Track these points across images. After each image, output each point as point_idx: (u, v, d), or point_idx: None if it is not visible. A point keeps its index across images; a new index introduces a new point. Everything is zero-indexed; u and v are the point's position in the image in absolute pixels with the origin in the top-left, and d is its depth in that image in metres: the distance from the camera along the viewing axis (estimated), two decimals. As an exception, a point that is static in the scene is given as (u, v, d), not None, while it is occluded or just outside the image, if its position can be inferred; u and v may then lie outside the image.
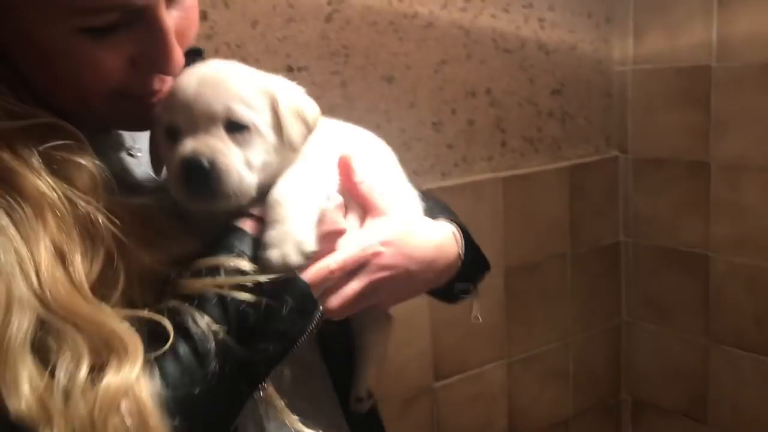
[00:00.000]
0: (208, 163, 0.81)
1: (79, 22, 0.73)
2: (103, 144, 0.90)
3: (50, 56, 0.76)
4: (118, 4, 0.73)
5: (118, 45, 0.76)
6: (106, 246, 0.76)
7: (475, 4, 2.10)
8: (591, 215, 2.50)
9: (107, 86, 0.79)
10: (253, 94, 0.87)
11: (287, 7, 1.75)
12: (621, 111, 2.52)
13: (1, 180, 0.73)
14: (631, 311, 2.62)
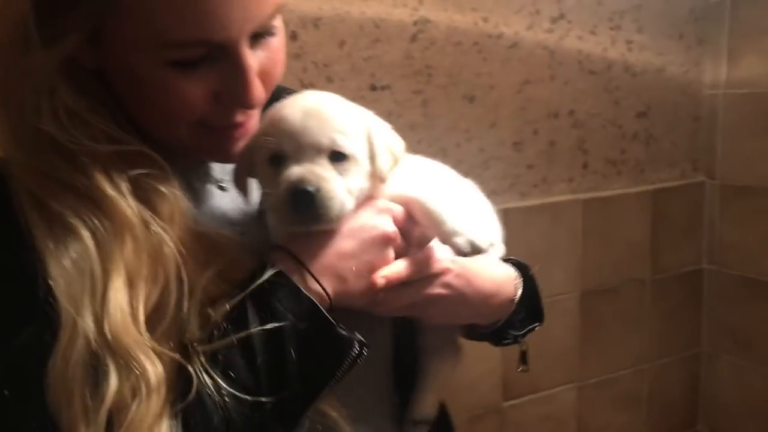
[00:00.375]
0: (315, 190, 0.87)
1: (167, 55, 0.78)
2: (193, 175, 0.96)
3: (142, 83, 0.81)
4: (200, 39, 0.77)
5: (202, 79, 0.81)
6: (168, 275, 0.80)
7: (561, 25, 2.10)
8: (673, 241, 2.45)
9: (192, 116, 0.84)
10: (353, 127, 0.92)
11: (374, 27, 1.80)
12: (710, 135, 2.46)
13: (91, 199, 0.78)
14: (712, 341, 2.55)
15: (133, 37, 0.78)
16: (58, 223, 0.78)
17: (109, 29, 0.78)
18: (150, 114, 0.86)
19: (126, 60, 0.80)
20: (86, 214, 0.78)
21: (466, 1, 1.92)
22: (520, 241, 2.10)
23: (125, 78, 0.83)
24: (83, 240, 0.77)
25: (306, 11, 1.71)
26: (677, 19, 2.34)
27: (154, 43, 0.77)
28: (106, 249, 0.77)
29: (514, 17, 2.01)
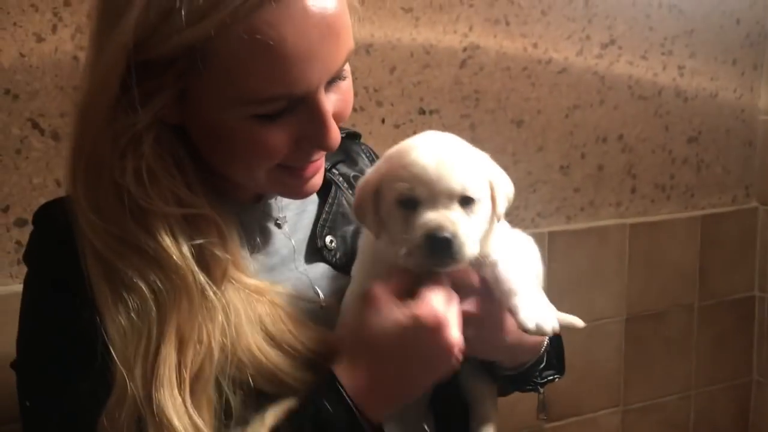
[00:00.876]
0: (451, 236, 0.93)
1: (251, 110, 0.83)
2: (253, 215, 1.02)
3: (224, 137, 0.86)
4: (285, 95, 0.82)
5: (283, 128, 0.86)
6: (214, 341, 0.84)
7: (611, 50, 2.11)
8: (723, 267, 2.42)
9: (273, 162, 0.89)
10: (479, 172, 0.99)
11: (424, 53, 1.85)
12: (764, 161, 2.43)
13: (155, 261, 0.82)
14: (763, 370, 2.51)
15: (220, 95, 0.83)
16: (120, 282, 0.82)
17: (197, 88, 0.83)
18: (231, 162, 0.91)
19: (210, 115, 0.85)
20: (149, 275, 0.82)
21: (515, 28, 1.96)
22: (566, 264, 2.13)
23: (207, 131, 0.88)
24: (144, 300, 0.81)
25: (358, 38, 1.75)
26: (731, 44, 2.33)
27: (241, 101, 0.82)
28: (164, 310, 0.82)
29: (563, 43, 2.04)
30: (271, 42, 0.78)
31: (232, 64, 0.80)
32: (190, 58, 0.79)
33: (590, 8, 2.06)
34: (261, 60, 0.79)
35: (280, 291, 0.93)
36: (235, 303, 0.86)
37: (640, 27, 2.15)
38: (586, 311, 2.17)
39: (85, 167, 0.84)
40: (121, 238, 0.83)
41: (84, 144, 0.85)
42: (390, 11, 1.80)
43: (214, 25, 0.77)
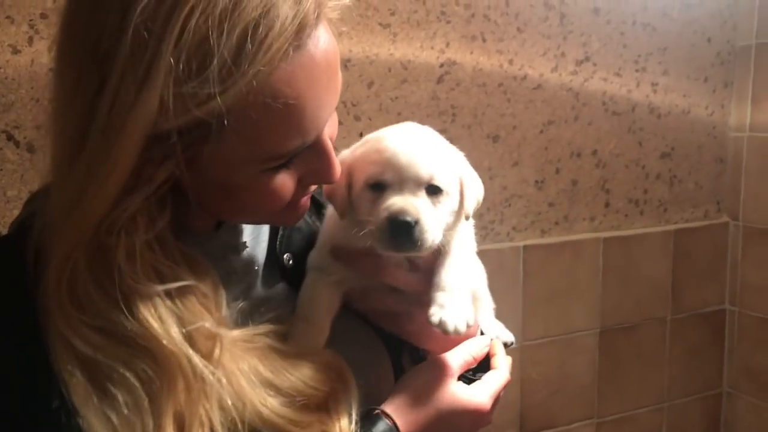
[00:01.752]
0: (414, 222, 0.94)
1: (265, 166, 0.82)
2: (215, 245, 0.98)
3: (234, 193, 0.84)
4: (299, 146, 0.82)
5: (291, 172, 0.86)
6: (213, 413, 0.81)
7: (586, 67, 2.15)
8: (695, 281, 2.46)
9: (283, 205, 0.88)
10: (450, 164, 1.00)
11: (401, 69, 1.87)
12: (734, 177, 2.48)
13: (144, 348, 0.77)
14: (733, 382, 2.55)
15: (234, 157, 0.79)
16: (104, 377, 0.76)
17: (208, 154, 0.79)
18: (238, 212, 0.90)
19: (219, 176, 0.82)
20: (137, 365, 0.77)
21: (492, 44, 1.99)
22: (541, 277, 2.15)
23: (213, 191, 0.84)
24: (134, 392, 0.76)
25: (336, 53, 1.78)
26: (703, 62, 2.37)
27: (257, 160, 0.81)
28: (158, 399, 0.77)
29: (539, 60, 2.06)
30: (289, 101, 0.77)
31: (249, 128, 0.77)
32: (204, 127, 0.75)
33: (565, 26, 2.09)
34: (279, 119, 0.78)
35: (264, 331, 0.91)
36: (230, 368, 0.83)
37: (614, 44, 2.19)
38: (561, 324, 2.21)
39: (71, 257, 0.77)
40: (102, 329, 0.77)
41: (71, 237, 0.77)
42: (368, 27, 1.81)
43: (235, 94, 0.74)
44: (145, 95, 0.72)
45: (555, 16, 2.07)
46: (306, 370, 0.89)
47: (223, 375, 0.81)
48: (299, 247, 1.09)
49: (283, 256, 1.07)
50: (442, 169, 0.98)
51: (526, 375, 2.16)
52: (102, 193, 0.75)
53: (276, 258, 1.06)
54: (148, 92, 0.72)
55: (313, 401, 0.88)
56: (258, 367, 0.85)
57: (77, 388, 0.75)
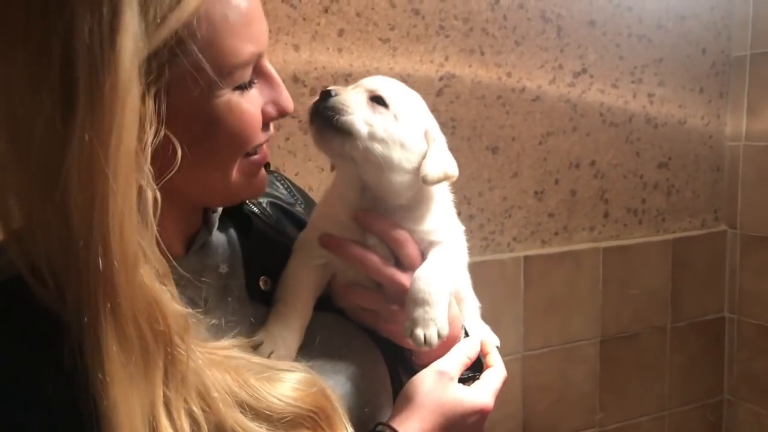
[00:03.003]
0: (335, 94, 0.97)
1: (231, 82, 0.83)
2: (190, 267, 0.94)
3: (210, 127, 0.84)
4: (253, 53, 0.84)
5: (254, 98, 0.88)
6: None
7: (583, 79, 2.17)
8: (694, 289, 2.48)
9: (254, 139, 0.88)
10: (414, 108, 1.04)
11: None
12: (731, 186, 2.50)
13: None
14: (734, 390, 2.56)
15: (201, 77, 0.79)
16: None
17: (177, 82, 0.78)
18: (214, 157, 0.87)
19: (193, 111, 0.82)
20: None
21: (490, 57, 2.01)
22: (541, 287, 2.17)
23: (190, 132, 0.82)
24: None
25: (337, 68, 1.81)
26: (698, 72, 2.40)
27: (222, 72, 0.81)
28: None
29: (537, 72, 2.09)
30: (240, 4, 0.81)
31: (211, 34, 0.79)
32: (175, 44, 0.75)
33: (562, 38, 2.12)
34: (233, 20, 0.80)
35: (233, 345, 0.88)
36: (201, 383, 0.79)
37: (610, 56, 2.21)
38: (562, 333, 2.23)
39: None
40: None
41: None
42: (368, 42, 1.84)
43: (194, 0, 0.75)
44: (122, 16, 0.70)
45: (552, 29, 2.10)
46: (283, 387, 0.85)
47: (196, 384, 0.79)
48: (276, 268, 1.06)
49: (259, 279, 1.04)
50: (396, 94, 1.01)
51: (527, 384, 2.17)
52: (119, 150, 0.70)
53: (252, 283, 1.03)
54: (123, 12, 0.70)
55: (298, 420, 0.85)
56: (232, 387, 0.81)
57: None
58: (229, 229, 1.05)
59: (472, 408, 1.02)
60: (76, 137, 0.69)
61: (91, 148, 0.69)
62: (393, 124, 0.99)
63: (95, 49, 0.69)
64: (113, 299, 0.71)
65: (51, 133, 0.70)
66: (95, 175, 0.69)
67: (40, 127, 0.70)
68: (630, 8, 2.22)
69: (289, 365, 0.90)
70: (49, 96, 0.70)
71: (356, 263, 1.03)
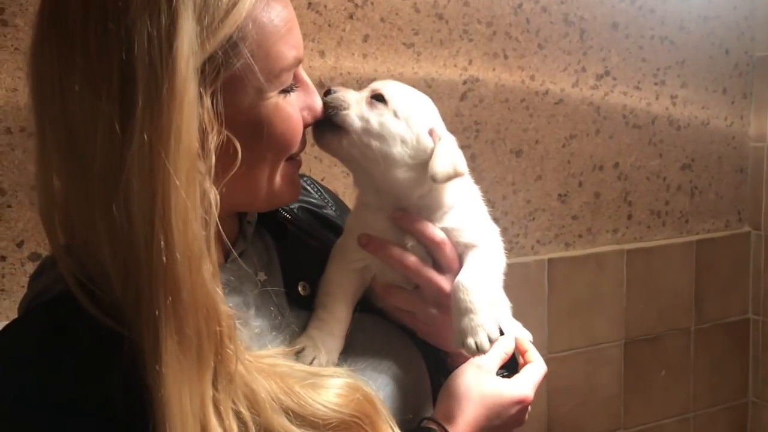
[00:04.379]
0: (334, 92, 1.00)
1: (278, 85, 0.86)
2: (236, 278, 0.96)
3: (258, 130, 0.86)
4: (297, 57, 0.88)
5: (295, 102, 0.91)
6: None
7: (606, 81, 2.17)
8: (718, 291, 2.47)
9: (298, 140, 0.92)
10: (417, 107, 1.04)
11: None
12: (755, 187, 2.49)
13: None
14: (758, 391, 2.55)
15: (254, 79, 0.83)
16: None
17: (230, 87, 0.80)
18: (262, 159, 0.89)
19: (247, 110, 0.84)
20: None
21: (513, 61, 2.02)
22: (566, 290, 2.17)
23: (241, 136, 0.83)
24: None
25: (362, 73, 1.82)
26: (721, 73, 2.40)
27: (270, 75, 0.84)
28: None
29: (560, 75, 2.09)
30: (282, 11, 0.85)
31: (261, 38, 0.82)
32: (228, 49, 0.78)
33: (585, 41, 2.12)
34: (279, 25, 0.84)
35: (277, 353, 0.89)
36: (249, 391, 0.80)
37: (633, 58, 2.21)
38: (586, 336, 2.23)
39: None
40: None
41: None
42: (392, 47, 1.85)
43: (246, 4, 0.79)
44: (179, 21, 0.72)
45: (575, 32, 2.10)
46: (327, 394, 0.86)
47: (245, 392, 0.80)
48: (313, 273, 1.08)
49: (297, 285, 1.05)
50: (399, 93, 1.03)
51: (552, 387, 2.18)
52: (183, 159, 0.72)
53: (291, 289, 1.04)
54: (181, 18, 0.72)
55: (343, 426, 0.86)
56: (277, 393, 0.82)
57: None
58: (265, 237, 1.06)
59: (512, 399, 1.04)
60: (135, 138, 0.71)
61: (151, 147, 0.71)
62: (391, 120, 1.00)
63: (154, 54, 0.71)
64: (175, 293, 0.73)
65: (111, 137, 0.72)
66: (156, 173, 0.71)
67: (100, 133, 0.72)
68: (652, 10, 2.22)
69: (332, 371, 0.90)
70: (108, 102, 0.72)
71: (395, 264, 1.04)
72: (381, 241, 1.05)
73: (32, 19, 0.80)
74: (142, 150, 0.71)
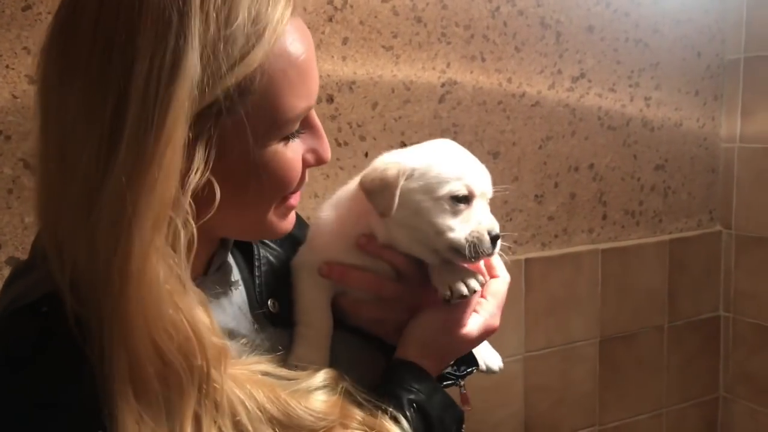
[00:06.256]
0: (501, 235, 1.07)
1: (281, 134, 0.84)
2: (209, 289, 0.96)
3: (254, 176, 0.83)
4: (306, 107, 0.86)
5: (297, 147, 0.89)
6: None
7: (581, 84, 2.20)
8: (690, 289, 2.52)
9: (293, 185, 0.90)
10: None
11: (404, 90, 1.91)
12: (726, 187, 2.54)
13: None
14: (729, 387, 2.61)
15: (258, 125, 0.80)
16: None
17: (230, 132, 0.79)
18: (256, 202, 0.88)
19: (244, 155, 0.81)
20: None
21: (491, 64, 2.04)
22: (542, 289, 2.20)
23: (232, 180, 0.82)
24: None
25: (341, 76, 1.83)
26: (693, 76, 2.44)
27: (277, 125, 0.83)
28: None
29: (536, 77, 2.12)
30: (299, 58, 0.82)
31: (270, 89, 0.80)
32: (235, 95, 0.76)
33: (561, 44, 2.15)
34: (292, 78, 0.82)
35: (260, 361, 0.89)
36: (233, 400, 0.80)
37: (608, 61, 2.25)
38: (562, 334, 2.26)
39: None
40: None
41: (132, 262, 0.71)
42: (372, 50, 1.86)
43: (258, 53, 0.76)
44: (183, 65, 0.71)
45: (551, 34, 2.13)
46: (311, 402, 0.87)
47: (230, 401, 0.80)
48: (282, 289, 1.09)
49: (267, 303, 1.06)
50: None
51: (529, 385, 2.21)
52: (162, 193, 0.71)
53: (260, 306, 1.05)
54: (185, 62, 0.71)
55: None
56: (263, 403, 0.82)
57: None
58: (235, 252, 1.07)
59: (474, 328, 1.09)
60: (113, 177, 0.70)
61: (123, 191, 0.70)
62: None
63: (149, 95, 0.70)
64: (128, 340, 0.71)
65: (93, 166, 0.72)
66: (122, 219, 0.70)
67: (85, 158, 0.72)
68: (627, 14, 2.26)
69: (310, 371, 0.92)
70: (98, 130, 0.72)
71: (360, 287, 1.07)
72: (342, 268, 1.07)
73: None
74: (117, 190, 0.70)
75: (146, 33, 0.71)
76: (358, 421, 0.89)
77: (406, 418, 0.92)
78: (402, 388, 0.97)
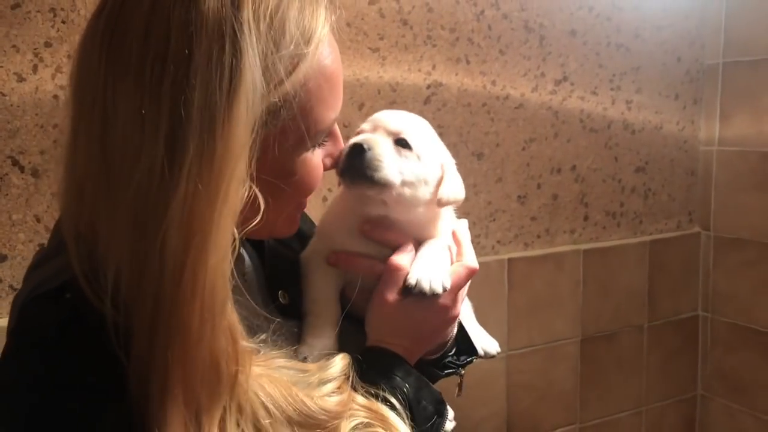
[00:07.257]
0: (367, 149, 1.01)
1: (310, 144, 0.87)
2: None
3: (287, 180, 0.86)
4: (334, 119, 0.90)
5: (319, 153, 0.93)
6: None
7: (564, 87, 2.24)
8: (670, 289, 2.57)
9: (314, 190, 0.93)
10: (429, 142, 1.09)
11: (390, 91, 1.94)
12: (705, 189, 2.59)
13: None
14: (707, 385, 2.66)
15: (294, 136, 0.83)
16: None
17: (269, 141, 0.80)
18: (280, 208, 0.89)
19: (277, 165, 0.84)
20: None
21: (475, 66, 2.07)
22: (524, 289, 2.23)
23: (262, 186, 0.81)
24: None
25: (329, 77, 1.85)
26: (673, 80, 2.49)
27: (308, 136, 0.85)
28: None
29: (520, 80, 2.15)
30: (333, 72, 0.86)
31: (309, 101, 0.83)
32: (283, 105, 0.79)
33: (544, 47, 2.19)
34: (326, 90, 0.85)
35: (275, 356, 0.89)
36: (251, 397, 0.81)
37: (590, 65, 2.29)
38: (544, 333, 2.30)
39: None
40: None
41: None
42: (358, 51, 1.89)
43: (305, 65, 0.80)
44: (242, 84, 0.72)
45: (535, 38, 2.16)
46: (325, 402, 0.87)
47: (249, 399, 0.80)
48: (291, 282, 1.10)
49: (277, 294, 1.08)
50: (417, 132, 1.06)
51: (511, 383, 2.24)
52: (227, 203, 0.72)
53: (271, 298, 1.07)
54: (244, 81, 0.72)
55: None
56: (279, 402, 0.82)
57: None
58: (245, 244, 1.09)
59: (437, 311, 1.08)
60: (182, 185, 0.70)
61: (198, 199, 0.70)
62: (418, 165, 1.04)
63: (213, 108, 0.71)
64: (189, 351, 0.72)
65: (154, 175, 0.71)
66: (196, 227, 0.71)
67: (142, 167, 0.71)
68: (609, 18, 2.30)
69: (321, 362, 0.93)
70: (154, 139, 0.71)
71: (367, 274, 1.08)
72: (348, 255, 1.09)
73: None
74: (187, 199, 0.70)
75: (201, 46, 0.71)
76: (363, 409, 0.91)
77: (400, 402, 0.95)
78: (383, 376, 0.99)
